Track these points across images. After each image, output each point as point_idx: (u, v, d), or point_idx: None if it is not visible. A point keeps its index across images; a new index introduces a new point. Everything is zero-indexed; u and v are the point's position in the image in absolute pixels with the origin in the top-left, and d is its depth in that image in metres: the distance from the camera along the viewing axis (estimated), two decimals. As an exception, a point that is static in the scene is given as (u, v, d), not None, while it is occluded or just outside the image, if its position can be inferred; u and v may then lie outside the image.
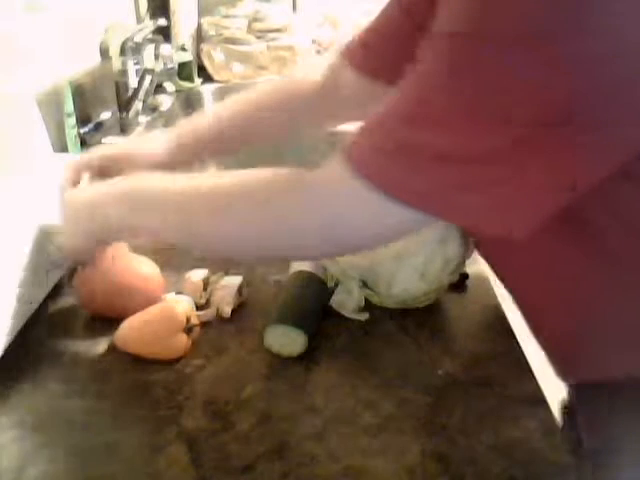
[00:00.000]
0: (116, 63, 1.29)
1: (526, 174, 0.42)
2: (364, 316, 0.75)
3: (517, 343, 0.70)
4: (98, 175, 0.77)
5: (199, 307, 0.76)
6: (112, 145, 0.90)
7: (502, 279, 0.68)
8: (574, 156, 0.42)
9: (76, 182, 0.75)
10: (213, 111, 0.80)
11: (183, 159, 0.79)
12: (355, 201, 0.47)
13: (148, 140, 0.82)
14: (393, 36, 0.72)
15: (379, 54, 0.74)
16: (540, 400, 0.62)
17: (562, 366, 0.67)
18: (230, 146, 0.83)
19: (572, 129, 0.40)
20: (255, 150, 0.84)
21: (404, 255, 0.72)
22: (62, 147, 1.11)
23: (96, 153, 0.79)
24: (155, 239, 0.65)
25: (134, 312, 0.71)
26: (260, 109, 0.79)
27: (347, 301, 0.76)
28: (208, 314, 0.75)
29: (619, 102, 0.40)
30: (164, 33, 1.52)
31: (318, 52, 1.87)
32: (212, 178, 0.57)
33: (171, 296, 0.76)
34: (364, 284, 0.76)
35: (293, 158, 1.10)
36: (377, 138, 0.46)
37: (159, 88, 1.54)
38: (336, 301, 0.76)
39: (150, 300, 0.73)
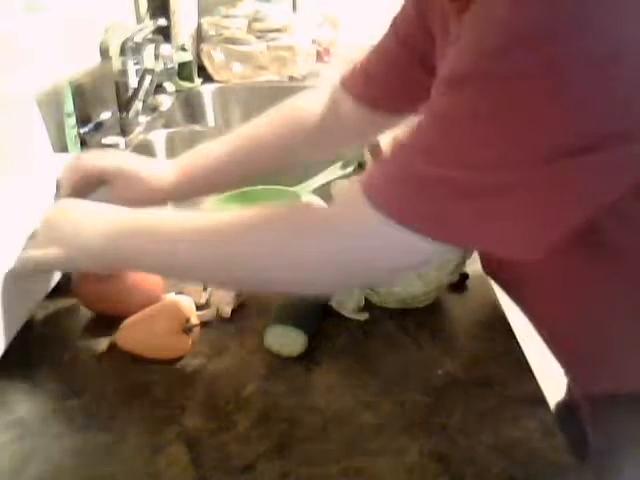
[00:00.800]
0: (116, 63, 1.29)
1: (541, 199, 0.43)
2: (364, 316, 0.75)
3: (517, 343, 0.70)
4: (95, 181, 0.77)
5: (199, 307, 0.76)
6: (117, 154, 0.89)
7: (519, 304, 0.68)
8: (587, 178, 0.42)
9: (75, 182, 0.75)
10: (214, 146, 0.79)
11: (184, 191, 0.78)
12: (371, 233, 0.47)
13: (153, 163, 0.81)
14: (392, 67, 0.72)
15: (380, 84, 0.74)
16: (540, 400, 0.62)
17: (584, 379, 0.67)
18: (230, 181, 0.83)
19: (583, 151, 0.40)
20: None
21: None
22: (62, 147, 1.11)
23: (101, 157, 0.78)
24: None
25: (134, 312, 0.71)
26: (261, 144, 0.78)
27: (347, 301, 0.76)
28: (208, 314, 0.75)
29: (623, 110, 0.40)
30: (164, 33, 1.52)
31: (318, 52, 1.87)
32: (227, 218, 0.56)
33: (171, 296, 0.76)
34: (364, 284, 0.76)
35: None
36: (394, 171, 0.47)
37: (159, 88, 1.54)
38: (336, 301, 0.76)
39: (150, 300, 0.73)
